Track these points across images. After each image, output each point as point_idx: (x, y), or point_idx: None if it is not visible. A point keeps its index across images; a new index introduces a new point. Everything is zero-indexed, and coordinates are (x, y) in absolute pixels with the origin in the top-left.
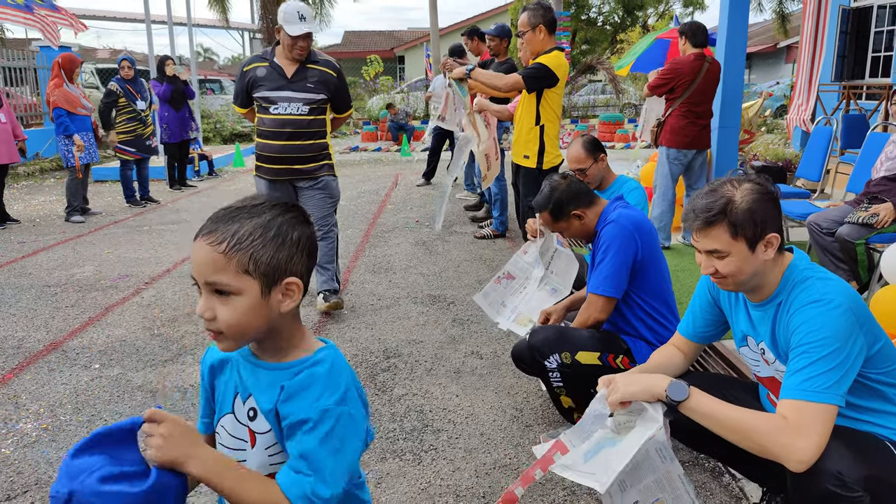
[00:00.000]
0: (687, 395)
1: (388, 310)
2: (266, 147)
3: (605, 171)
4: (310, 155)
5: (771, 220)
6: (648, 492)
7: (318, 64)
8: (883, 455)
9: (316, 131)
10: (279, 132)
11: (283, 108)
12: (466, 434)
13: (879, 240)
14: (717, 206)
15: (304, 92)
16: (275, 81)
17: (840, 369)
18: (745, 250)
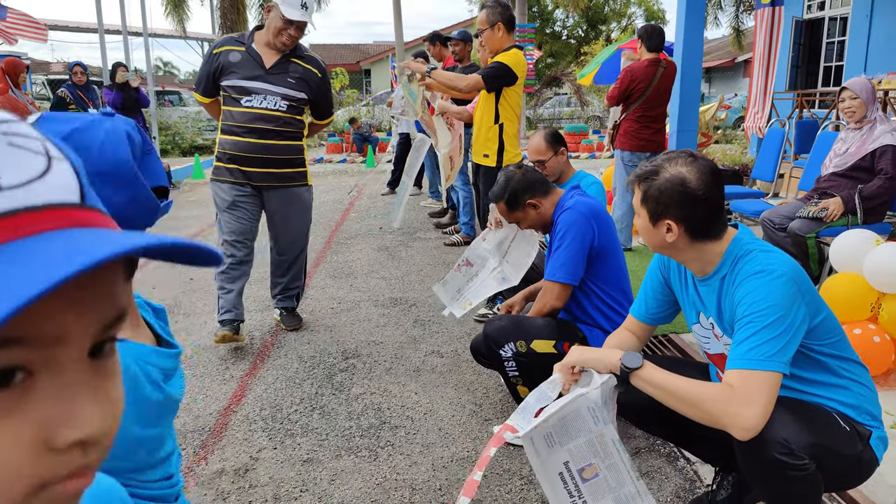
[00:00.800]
0: (641, 364)
1: (348, 313)
2: (232, 144)
3: (564, 166)
4: (285, 158)
5: (676, 207)
6: (580, 454)
7: (303, 60)
8: (828, 424)
9: (294, 132)
10: (251, 128)
11: (257, 101)
12: (424, 430)
13: (829, 233)
14: (645, 172)
15: (284, 87)
16: (250, 70)
17: (783, 337)
18: (647, 219)
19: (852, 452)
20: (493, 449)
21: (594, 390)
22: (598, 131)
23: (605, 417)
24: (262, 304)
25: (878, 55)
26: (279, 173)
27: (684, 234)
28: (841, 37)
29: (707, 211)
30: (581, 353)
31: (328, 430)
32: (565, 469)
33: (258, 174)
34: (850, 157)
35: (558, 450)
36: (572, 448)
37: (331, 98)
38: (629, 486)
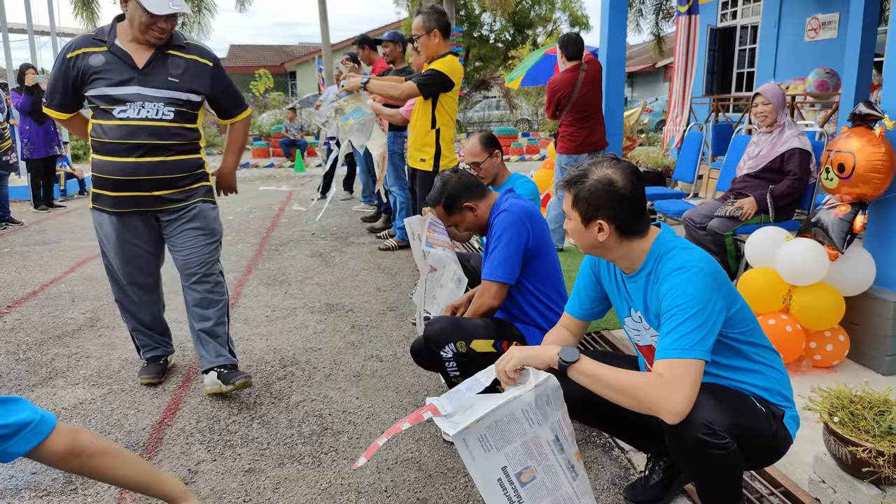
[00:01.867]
0: (577, 357)
1: (283, 320)
2: (110, 167)
3: (499, 167)
4: (178, 176)
5: (605, 209)
6: (517, 457)
7: (184, 50)
8: (746, 406)
9: (186, 144)
10: (130, 145)
11: (133, 111)
12: (367, 433)
13: (744, 231)
14: (574, 176)
15: (166, 88)
16: (119, 73)
17: (704, 327)
18: (579, 221)
19: (768, 431)
20: (407, 424)
21: (528, 392)
22: (527, 134)
23: (540, 419)
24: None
25: (786, 62)
26: (172, 195)
27: (614, 232)
28: (752, 44)
29: (633, 209)
30: (521, 352)
31: (269, 440)
32: (504, 475)
33: (147, 199)
34: (762, 160)
35: (495, 454)
36: (509, 452)
37: (234, 88)
38: (566, 486)
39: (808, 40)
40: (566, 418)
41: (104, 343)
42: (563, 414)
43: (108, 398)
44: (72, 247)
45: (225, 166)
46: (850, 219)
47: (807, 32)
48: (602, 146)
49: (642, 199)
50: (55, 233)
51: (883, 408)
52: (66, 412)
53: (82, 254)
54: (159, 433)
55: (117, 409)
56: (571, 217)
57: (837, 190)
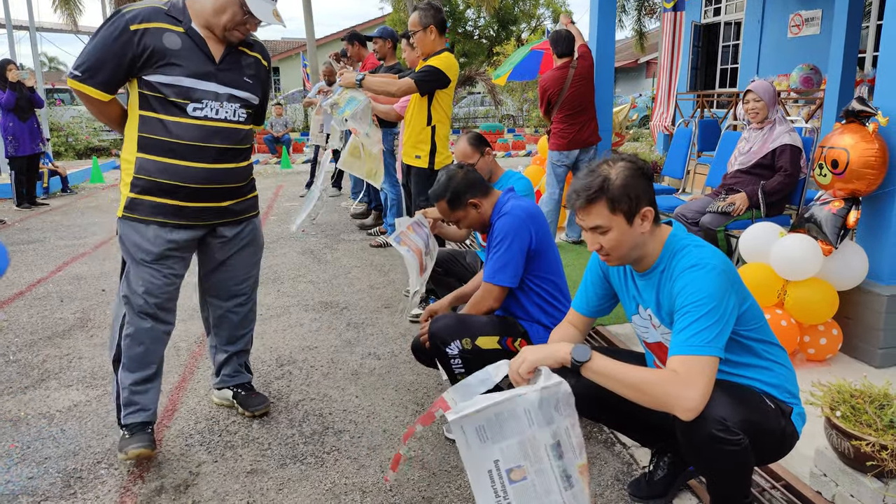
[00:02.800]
0: (590, 356)
1: (278, 318)
2: (172, 172)
3: (492, 165)
4: (243, 184)
5: (644, 194)
6: (510, 454)
7: (252, 48)
8: (758, 402)
9: (249, 149)
10: (202, 148)
11: (211, 111)
12: (369, 432)
13: (736, 226)
14: (596, 184)
15: (241, 89)
16: (198, 63)
17: (718, 324)
18: (623, 224)
19: (777, 427)
20: (421, 427)
21: (533, 392)
22: (512, 130)
23: (541, 421)
24: (186, 312)
25: (769, 58)
26: (237, 205)
27: (653, 218)
28: (735, 41)
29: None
30: (533, 353)
31: (270, 440)
32: (494, 467)
33: (212, 211)
34: (753, 156)
35: (490, 446)
36: (504, 447)
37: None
38: (556, 495)
39: (792, 36)
40: (576, 428)
41: (96, 343)
42: (573, 423)
43: (103, 399)
44: (57, 246)
45: None
46: (844, 214)
47: (790, 28)
48: (594, 142)
49: None
50: (39, 231)
51: (883, 401)
52: (62, 414)
53: (68, 253)
54: (158, 435)
55: (113, 412)
56: (613, 225)
57: (831, 186)
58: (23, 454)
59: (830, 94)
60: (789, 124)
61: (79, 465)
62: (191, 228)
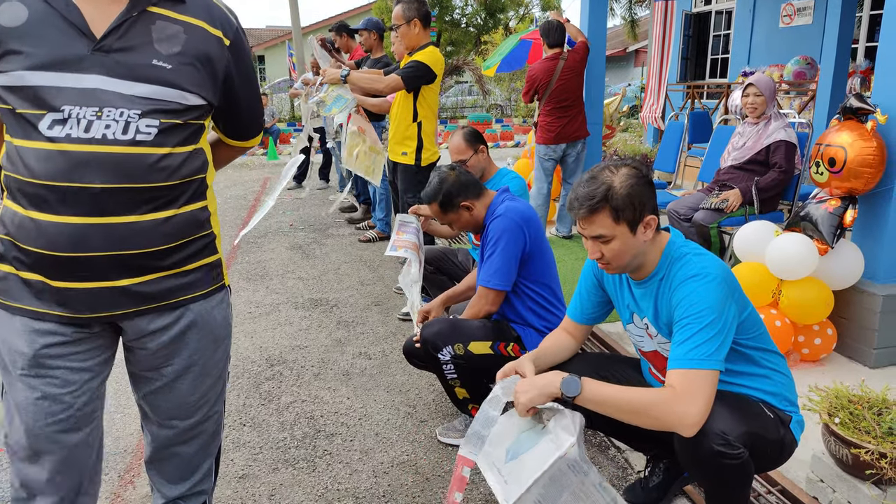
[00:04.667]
0: (580, 390)
1: (267, 317)
2: (36, 232)
3: (486, 163)
4: (166, 248)
5: (648, 202)
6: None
7: (182, 8)
8: (757, 414)
9: (181, 186)
10: (72, 191)
11: (79, 126)
12: (361, 435)
13: (729, 223)
14: (599, 193)
15: (144, 80)
16: (58, 44)
17: (719, 337)
18: (627, 233)
19: (777, 437)
20: (459, 494)
21: (571, 449)
22: (500, 120)
23: (584, 467)
24: None
25: (761, 48)
26: (153, 285)
27: (655, 227)
28: (726, 30)
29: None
30: (525, 395)
31: (261, 444)
32: None
33: (104, 295)
34: (747, 151)
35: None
36: (563, 500)
37: (258, 89)
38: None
39: (783, 26)
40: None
41: None
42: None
43: None
44: None
45: None
46: (840, 213)
47: (781, 18)
48: (581, 136)
49: None
50: None
51: (881, 407)
52: None
53: None
54: None
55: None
56: (616, 234)
57: (827, 184)
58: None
59: (823, 86)
60: (784, 120)
61: None
62: (72, 325)
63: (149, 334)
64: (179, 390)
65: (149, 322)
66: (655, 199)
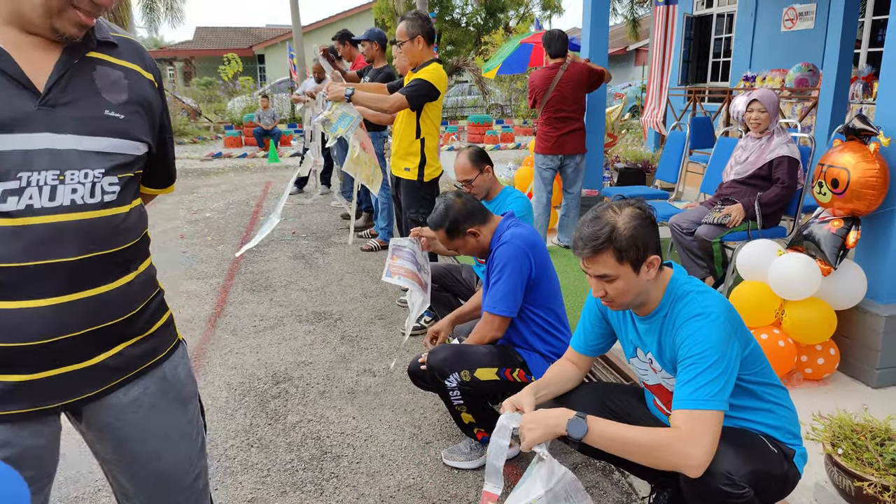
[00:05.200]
0: (586, 431)
1: (272, 331)
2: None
3: (490, 182)
4: (131, 315)
5: (651, 242)
6: None
7: (118, 52)
8: (762, 451)
9: (139, 244)
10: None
11: (41, 195)
12: (367, 457)
13: (732, 238)
14: (603, 234)
15: (104, 133)
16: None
17: (723, 377)
18: (630, 273)
19: (781, 472)
20: None
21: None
22: (501, 121)
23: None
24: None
25: (762, 52)
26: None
27: (658, 266)
28: (728, 33)
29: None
30: (531, 433)
31: (269, 465)
32: None
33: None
34: (750, 166)
35: None
36: None
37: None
38: None
39: (785, 30)
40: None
41: None
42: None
43: None
44: None
45: None
46: (843, 234)
47: (783, 22)
48: (579, 152)
49: None
50: None
51: (884, 437)
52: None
53: None
54: None
55: None
56: (620, 274)
57: (830, 204)
58: None
59: (826, 91)
60: (787, 135)
61: (80, 492)
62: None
63: (119, 409)
64: (161, 462)
65: (120, 396)
66: (658, 238)
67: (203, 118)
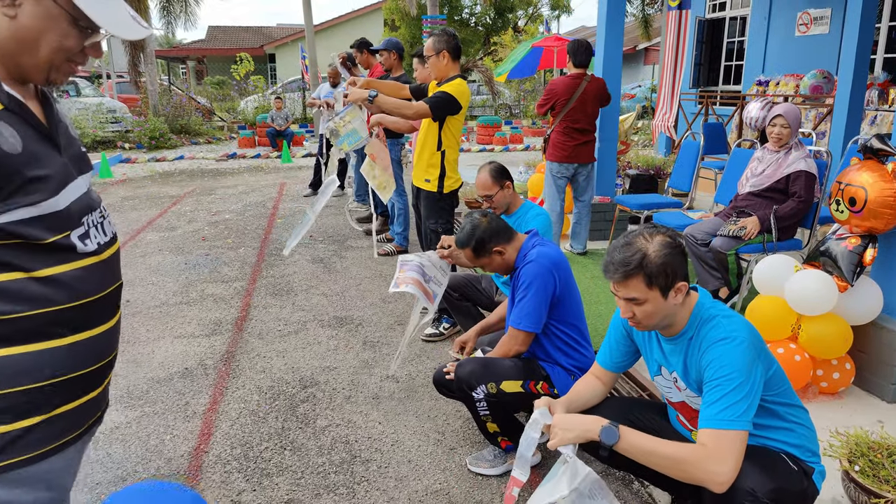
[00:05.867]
0: (618, 438)
1: (296, 335)
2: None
3: (510, 198)
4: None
5: (680, 269)
6: None
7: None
8: (781, 467)
9: None
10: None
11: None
12: (395, 462)
13: (747, 250)
14: (634, 260)
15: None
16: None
17: (748, 398)
18: (659, 297)
19: (801, 489)
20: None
21: (562, 500)
22: (509, 122)
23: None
24: (208, 328)
25: (775, 56)
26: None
27: (686, 291)
28: (741, 37)
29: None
30: (565, 433)
31: (302, 468)
32: None
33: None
34: (767, 179)
35: None
36: None
37: None
38: None
39: (799, 35)
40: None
41: (128, 360)
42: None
43: (142, 421)
44: None
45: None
46: (860, 251)
47: (798, 27)
48: (591, 161)
49: None
50: None
51: None
52: (105, 437)
53: None
54: (197, 461)
55: (153, 434)
56: (649, 298)
57: (848, 222)
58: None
59: (841, 98)
60: (805, 149)
61: None
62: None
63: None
64: None
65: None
66: (686, 267)
67: (216, 118)
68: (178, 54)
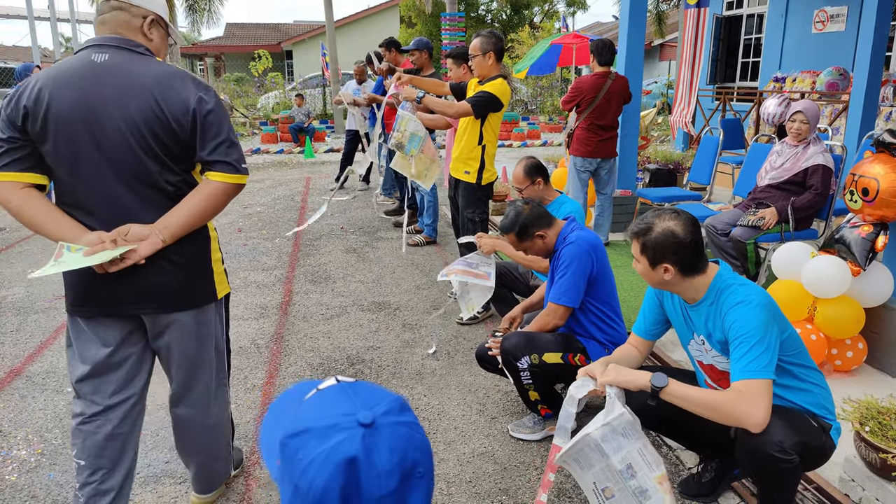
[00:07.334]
0: (667, 383)
1: (338, 318)
2: None
3: (542, 192)
4: None
5: (670, 254)
6: (600, 477)
7: None
8: (805, 423)
9: None
10: None
11: None
12: (442, 429)
13: (765, 239)
14: (641, 228)
15: None
16: None
17: (768, 352)
18: (647, 265)
19: (820, 443)
20: (552, 475)
21: (595, 430)
22: (526, 118)
23: (611, 450)
24: (255, 311)
25: (792, 53)
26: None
27: (678, 272)
28: (758, 34)
29: (693, 253)
30: (618, 375)
31: None
32: (594, 486)
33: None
34: (785, 172)
35: (587, 471)
36: (594, 472)
37: None
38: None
39: (816, 32)
40: (648, 447)
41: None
42: (644, 444)
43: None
44: None
45: None
46: (873, 238)
47: (814, 24)
48: (613, 156)
49: (700, 245)
50: None
51: None
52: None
53: None
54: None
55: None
56: (640, 261)
57: (861, 211)
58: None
59: (856, 94)
60: (822, 144)
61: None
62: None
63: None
64: None
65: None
66: (682, 254)
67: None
68: (197, 51)
